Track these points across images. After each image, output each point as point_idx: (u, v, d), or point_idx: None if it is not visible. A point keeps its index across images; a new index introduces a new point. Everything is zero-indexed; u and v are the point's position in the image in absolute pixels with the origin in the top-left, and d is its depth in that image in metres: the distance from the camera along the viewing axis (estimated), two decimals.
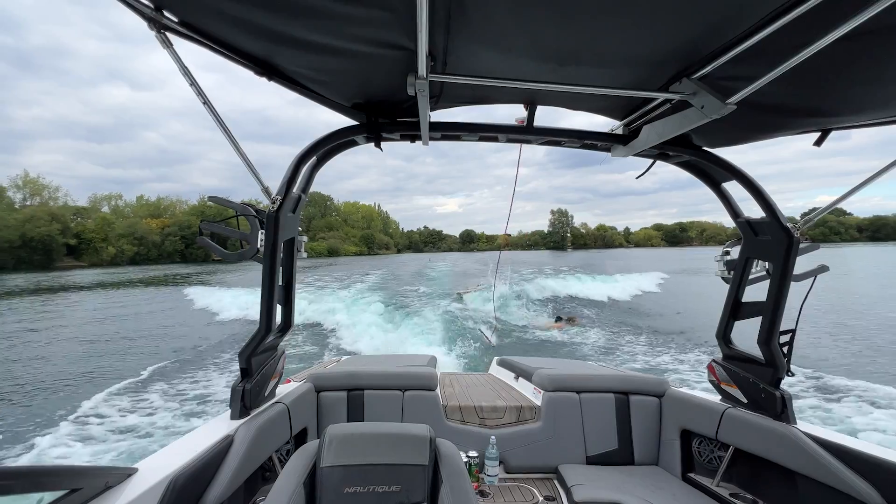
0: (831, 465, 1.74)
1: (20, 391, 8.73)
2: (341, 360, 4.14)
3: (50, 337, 14.26)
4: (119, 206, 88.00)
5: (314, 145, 2.00)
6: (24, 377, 9.66)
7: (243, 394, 1.90)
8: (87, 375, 9.70)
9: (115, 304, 22.13)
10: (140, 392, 8.37)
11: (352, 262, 70.40)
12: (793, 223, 2.01)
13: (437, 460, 1.49)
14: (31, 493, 0.95)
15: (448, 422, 2.77)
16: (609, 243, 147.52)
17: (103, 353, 11.86)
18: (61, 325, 16.27)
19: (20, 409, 7.71)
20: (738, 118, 1.53)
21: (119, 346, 12.82)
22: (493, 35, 1.29)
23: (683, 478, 2.47)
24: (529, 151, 2.71)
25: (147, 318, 17.59)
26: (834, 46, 1.11)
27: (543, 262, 52.41)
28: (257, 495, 1.97)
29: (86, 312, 19.74)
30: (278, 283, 1.97)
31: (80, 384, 9.07)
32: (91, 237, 68.32)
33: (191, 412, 7.24)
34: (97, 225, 71.29)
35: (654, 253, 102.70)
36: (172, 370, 9.81)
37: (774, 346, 2.04)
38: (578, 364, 4.30)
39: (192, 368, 9.85)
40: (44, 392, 8.63)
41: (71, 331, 15.23)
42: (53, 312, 19.85)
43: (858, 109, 1.56)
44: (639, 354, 11.24)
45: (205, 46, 1.39)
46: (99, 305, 21.77)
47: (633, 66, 1.46)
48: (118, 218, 78.96)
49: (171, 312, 19.07)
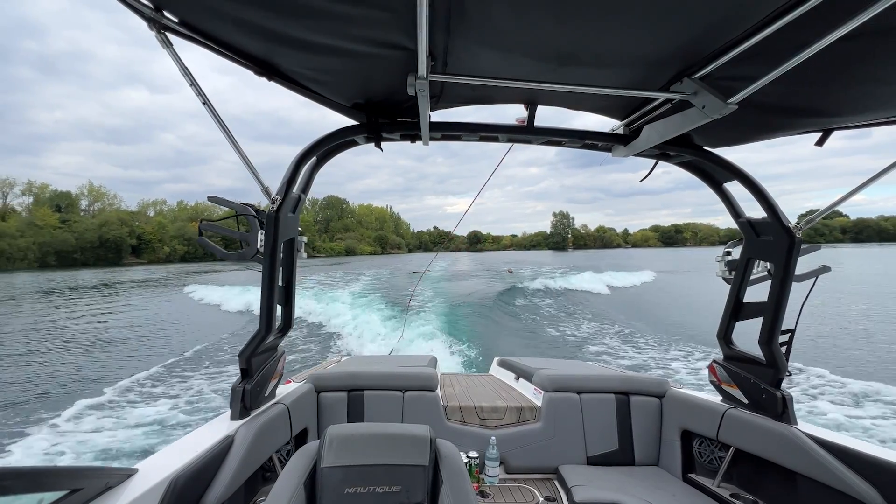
0: (832, 465, 1.73)
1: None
2: (341, 360, 4.14)
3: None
4: (163, 211, 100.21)
5: (314, 145, 1.99)
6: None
7: (243, 394, 1.90)
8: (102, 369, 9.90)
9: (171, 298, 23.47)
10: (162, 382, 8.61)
11: (368, 259, 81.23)
12: (794, 224, 2.00)
13: (437, 461, 1.49)
14: (31, 493, 0.95)
15: (448, 422, 2.77)
16: (608, 244, 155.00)
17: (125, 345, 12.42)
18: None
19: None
20: (739, 118, 1.53)
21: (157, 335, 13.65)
22: (494, 35, 1.29)
23: (684, 478, 2.47)
24: (539, 151, 2.70)
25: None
26: (835, 46, 1.11)
27: (544, 261, 53.27)
28: (257, 496, 1.97)
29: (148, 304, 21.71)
30: (278, 284, 1.97)
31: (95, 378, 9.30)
32: (150, 238, 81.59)
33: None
34: (154, 228, 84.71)
35: (649, 252, 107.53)
36: (188, 365, 9.99)
37: (775, 347, 2.03)
38: (579, 364, 4.29)
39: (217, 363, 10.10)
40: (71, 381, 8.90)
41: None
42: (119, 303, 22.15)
43: (860, 109, 1.56)
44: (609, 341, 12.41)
45: (205, 47, 1.39)
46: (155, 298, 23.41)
47: (634, 65, 1.46)
48: (172, 221, 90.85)
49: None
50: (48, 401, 7.88)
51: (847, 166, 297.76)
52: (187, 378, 9.05)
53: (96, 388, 8.50)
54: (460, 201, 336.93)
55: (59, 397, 8.07)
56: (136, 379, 8.95)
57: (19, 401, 7.86)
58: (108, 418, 6.88)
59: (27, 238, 61.95)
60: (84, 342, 13.08)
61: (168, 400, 7.71)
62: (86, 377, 9.46)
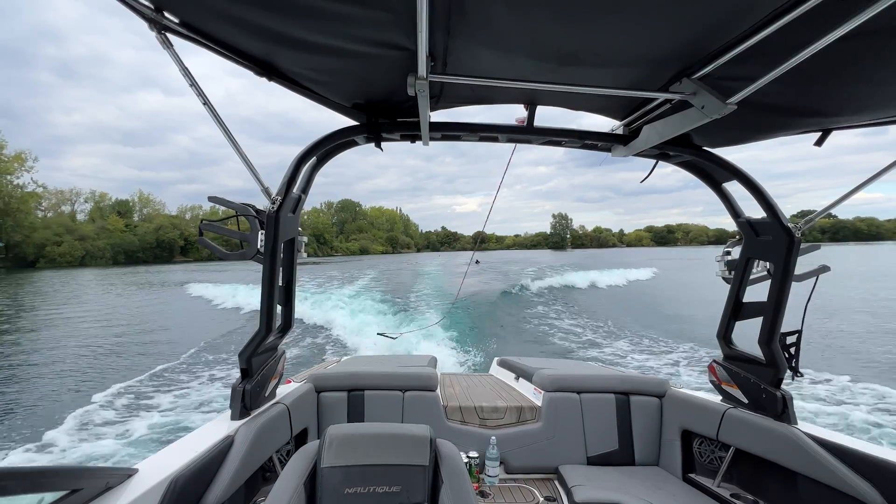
0: (832, 465, 1.74)
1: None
2: (341, 360, 4.14)
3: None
4: (198, 215, 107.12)
5: (314, 145, 1.99)
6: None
7: (243, 394, 1.90)
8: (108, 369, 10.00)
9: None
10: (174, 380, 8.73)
11: (379, 258, 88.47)
12: (794, 223, 2.01)
13: (437, 461, 1.49)
14: (31, 493, 0.95)
15: (448, 422, 2.77)
16: (604, 243, 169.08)
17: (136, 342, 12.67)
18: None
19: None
20: (738, 118, 1.53)
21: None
22: (494, 35, 1.29)
23: (684, 478, 2.47)
24: (547, 150, 2.72)
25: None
26: (834, 46, 1.11)
27: (544, 260, 53.97)
28: (257, 496, 1.97)
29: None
30: (278, 284, 1.97)
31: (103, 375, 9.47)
32: (194, 240, 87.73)
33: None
34: (195, 230, 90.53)
35: (641, 251, 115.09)
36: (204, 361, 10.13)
37: (775, 347, 2.03)
38: (579, 364, 4.30)
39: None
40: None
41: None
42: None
43: (859, 109, 1.56)
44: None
45: (205, 47, 1.39)
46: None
47: (634, 65, 1.46)
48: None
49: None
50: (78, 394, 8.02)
51: (863, 163, 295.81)
52: (186, 378, 9.06)
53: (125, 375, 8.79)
54: (469, 201, 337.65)
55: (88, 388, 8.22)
56: (138, 379, 8.99)
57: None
58: (107, 418, 6.87)
59: (103, 240, 75.31)
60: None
61: (167, 400, 7.71)
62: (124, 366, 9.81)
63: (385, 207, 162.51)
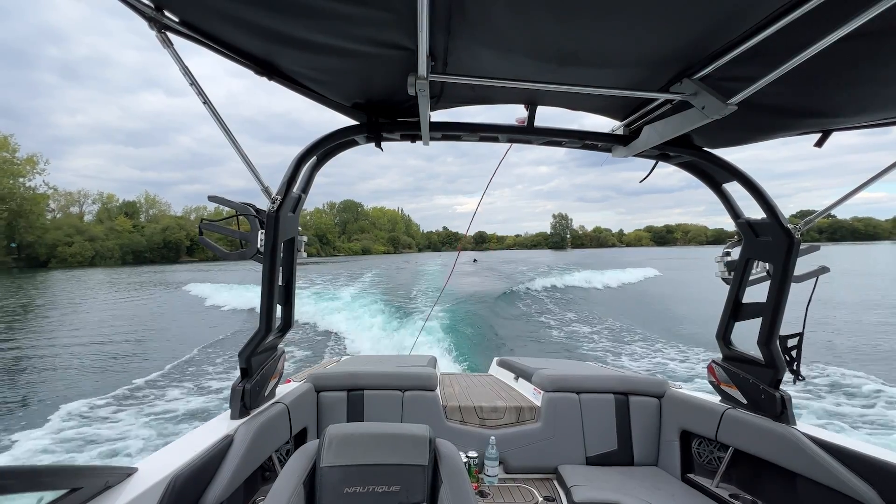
0: (831, 466, 1.74)
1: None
2: (341, 360, 4.14)
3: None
4: (203, 215, 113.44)
5: (314, 145, 1.99)
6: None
7: (243, 394, 1.90)
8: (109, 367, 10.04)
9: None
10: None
11: (381, 258, 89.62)
12: (793, 224, 2.01)
13: (436, 460, 1.49)
14: (30, 492, 0.95)
15: (448, 422, 2.77)
16: (603, 243, 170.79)
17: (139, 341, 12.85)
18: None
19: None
20: (738, 119, 1.53)
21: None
22: (494, 35, 1.29)
23: (683, 478, 2.47)
24: (549, 149, 2.74)
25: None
26: (835, 47, 1.11)
27: (543, 260, 54.20)
28: (257, 495, 1.97)
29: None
30: (278, 283, 1.97)
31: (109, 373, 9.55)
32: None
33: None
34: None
35: (641, 251, 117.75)
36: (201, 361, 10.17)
37: (774, 347, 2.03)
38: (578, 364, 4.29)
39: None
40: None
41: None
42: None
43: (859, 110, 1.56)
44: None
45: (205, 46, 1.39)
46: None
47: (634, 66, 1.46)
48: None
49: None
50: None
51: (866, 162, 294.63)
52: (187, 378, 9.07)
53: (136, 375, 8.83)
54: (470, 201, 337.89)
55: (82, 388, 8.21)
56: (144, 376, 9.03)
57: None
58: (107, 418, 6.87)
59: (112, 241, 77.16)
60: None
61: (167, 400, 7.71)
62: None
63: (387, 208, 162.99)
